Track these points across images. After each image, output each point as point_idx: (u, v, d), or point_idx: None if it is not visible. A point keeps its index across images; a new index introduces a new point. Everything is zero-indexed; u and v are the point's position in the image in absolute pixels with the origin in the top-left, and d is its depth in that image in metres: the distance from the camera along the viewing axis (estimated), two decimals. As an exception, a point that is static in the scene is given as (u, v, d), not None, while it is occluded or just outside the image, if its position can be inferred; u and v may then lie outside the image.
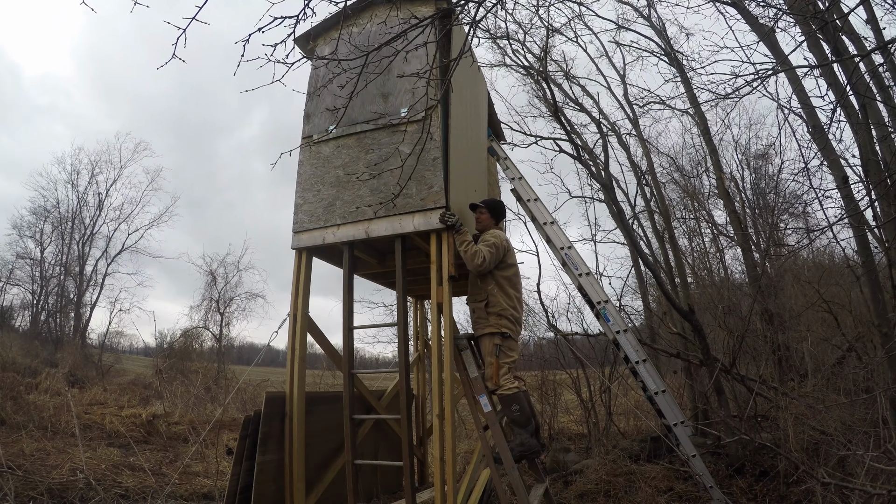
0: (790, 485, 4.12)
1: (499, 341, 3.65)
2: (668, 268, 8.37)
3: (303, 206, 4.17)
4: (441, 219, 3.63)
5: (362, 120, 4.14)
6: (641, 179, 9.05)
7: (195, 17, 2.20)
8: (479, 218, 4.04)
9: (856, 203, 4.34)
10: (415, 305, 6.07)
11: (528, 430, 3.56)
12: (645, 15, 8.38)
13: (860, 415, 4.24)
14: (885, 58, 4.05)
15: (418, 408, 5.77)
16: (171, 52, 2.28)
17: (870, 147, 4.28)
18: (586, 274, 4.43)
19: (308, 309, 4.14)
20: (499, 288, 3.76)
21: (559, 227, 4.59)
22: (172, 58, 2.30)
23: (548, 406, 7.82)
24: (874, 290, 4.38)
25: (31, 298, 21.65)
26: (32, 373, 11.75)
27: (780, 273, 7.42)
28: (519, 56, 7.87)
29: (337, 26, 4.46)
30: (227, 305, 19.39)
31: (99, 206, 22.52)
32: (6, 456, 5.03)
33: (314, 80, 4.48)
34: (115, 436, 7.76)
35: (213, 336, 18.42)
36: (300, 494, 3.75)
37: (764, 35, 4.96)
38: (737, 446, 4.78)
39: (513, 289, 3.81)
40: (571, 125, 8.28)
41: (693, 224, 10.52)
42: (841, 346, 5.75)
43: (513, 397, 3.57)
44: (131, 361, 21.23)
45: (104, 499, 4.63)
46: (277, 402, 3.85)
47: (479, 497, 4.46)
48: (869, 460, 2.74)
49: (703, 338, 5.41)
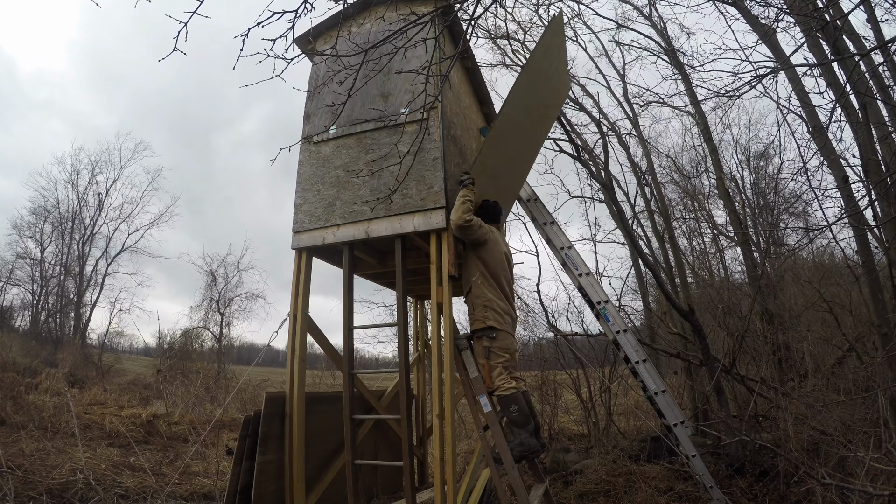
0: (790, 485, 4.12)
1: (487, 343, 3.59)
2: (668, 268, 8.37)
3: (303, 206, 4.17)
4: (459, 180, 3.70)
5: (362, 120, 4.14)
6: (641, 179, 9.05)
7: (196, 10, 2.20)
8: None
9: (856, 203, 4.34)
10: (415, 305, 6.06)
11: (527, 429, 3.53)
12: (645, 14, 8.39)
13: (860, 415, 4.23)
14: (885, 57, 4.05)
15: (418, 408, 5.76)
16: (170, 45, 2.28)
17: (870, 147, 4.28)
18: (586, 274, 4.43)
19: (308, 309, 4.14)
20: (483, 278, 3.70)
21: (559, 227, 4.59)
22: (174, 51, 2.30)
23: (548, 406, 7.82)
24: (874, 290, 4.38)
25: (31, 298, 21.72)
26: (32, 373, 11.76)
27: (780, 273, 7.42)
28: (519, 56, 7.87)
29: (336, 27, 4.47)
30: (227, 305, 19.44)
31: (99, 206, 22.60)
32: (6, 456, 5.03)
33: (314, 80, 4.48)
34: (115, 436, 7.76)
35: (214, 336, 18.44)
36: (300, 494, 3.75)
37: (764, 34, 4.96)
38: (737, 446, 4.78)
39: (496, 280, 3.73)
40: (571, 125, 8.27)
41: (693, 224, 10.53)
42: (841, 346, 5.75)
43: (510, 398, 3.52)
44: (131, 361, 21.24)
45: (104, 499, 4.63)
46: (277, 402, 3.85)
47: (479, 497, 4.46)
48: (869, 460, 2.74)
49: (703, 338, 5.41)
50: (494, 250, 3.77)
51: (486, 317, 3.62)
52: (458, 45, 3.19)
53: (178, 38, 2.26)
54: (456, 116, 4.48)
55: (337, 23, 4.38)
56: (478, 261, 3.74)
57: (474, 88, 5.36)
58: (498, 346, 3.61)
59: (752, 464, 4.75)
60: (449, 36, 4.32)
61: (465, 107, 4.93)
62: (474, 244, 3.74)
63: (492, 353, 3.58)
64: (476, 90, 5.40)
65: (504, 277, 3.82)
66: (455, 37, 4.49)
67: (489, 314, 3.62)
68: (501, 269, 3.80)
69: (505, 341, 3.65)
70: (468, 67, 5.09)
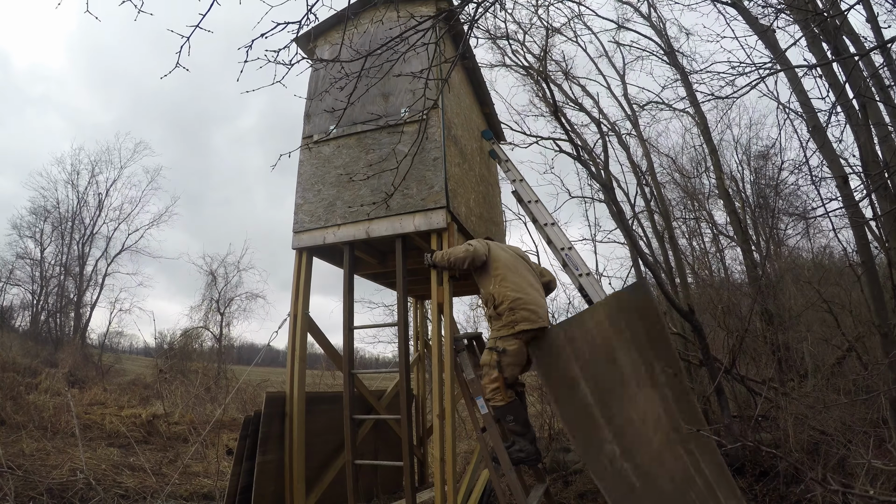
0: (790, 485, 4.12)
1: (497, 357, 3.44)
2: (668, 268, 8.37)
3: (303, 206, 4.17)
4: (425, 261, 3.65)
5: (363, 120, 4.14)
6: (641, 179, 9.06)
7: (198, 24, 2.20)
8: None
9: (856, 203, 4.34)
10: (415, 305, 6.07)
11: (527, 437, 3.48)
12: (645, 14, 8.39)
13: (860, 415, 4.24)
14: (884, 57, 4.05)
15: (418, 408, 5.77)
16: (169, 42, 2.29)
17: (870, 147, 4.28)
18: (586, 274, 4.42)
19: (308, 309, 4.14)
20: (501, 279, 3.55)
21: (559, 228, 4.58)
22: (176, 66, 2.29)
23: (548, 406, 7.81)
24: (874, 290, 4.38)
25: (31, 298, 21.68)
26: (32, 373, 11.74)
27: (780, 273, 7.42)
28: (519, 56, 7.87)
29: (336, 27, 4.47)
30: (227, 305, 19.42)
31: (99, 206, 22.56)
32: (6, 456, 5.03)
33: (314, 81, 4.48)
34: (115, 436, 7.75)
35: (214, 336, 18.43)
36: (300, 494, 3.75)
37: (763, 34, 4.96)
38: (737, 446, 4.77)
39: (516, 273, 3.59)
40: (571, 125, 8.28)
41: (693, 224, 10.53)
42: (841, 346, 5.75)
43: (505, 408, 3.44)
44: (131, 361, 21.22)
45: (104, 499, 4.63)
46: (277, 402, 3.85)
47: (478, 497, 4.46)
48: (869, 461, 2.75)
49: (703, 338, 5.41)
50: (502, 256, 3.68)
51: (516, 319, 3.42)
52: (459, 47, 3.17)
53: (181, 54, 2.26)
54: (456, 116, 4.48)
55: (337, 23, 4.38)
56: (487, 271, 3.63)
57: (474, 88, 5.37)
58: (509, 360, 3.45)
59: (752, 464, 4.74)
60: (449, 38, 4.32)
61: (466, 107, 4.93)
62: (478, 268, 3.65)
63: (503, 368, 3.44)
64: (476, 90, 5.40)
65: (527, 271, 3.71)
66: (455, 38, 4.49)
67: (519, 315, 3.43)
68: (520, 265, 3.70)
69: (518, 357, 3.48)
70: (468, 67, 5.10)
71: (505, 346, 3.44)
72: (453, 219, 3.86)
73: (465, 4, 2.97)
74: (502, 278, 3.57)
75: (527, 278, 3.65)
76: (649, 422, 3.12)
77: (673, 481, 2.99)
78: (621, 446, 3.09)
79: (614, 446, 3.09)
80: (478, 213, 4.72)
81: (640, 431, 3.11)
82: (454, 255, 3.53)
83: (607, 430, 3.14)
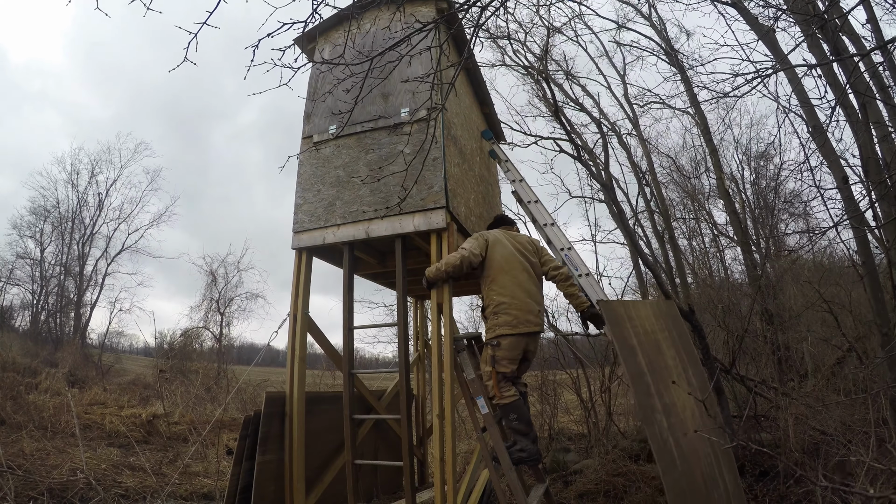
0: (790, 485, 4.12)
1: (492, 351, 3.50)
2: (668, 268, 8.37)
3: (303, 205, 4.17)
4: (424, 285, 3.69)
5: (362, 120, 4.14)
6: (642, 179, 9.07)
7: (206, 21, 2.20)
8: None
9: (856, 204, 4.34)
10: (415, 305, 6.06)
11: (529, 437, 3.49)
12: (645, 14, 8.40)
13: (860, 415, 4.24)
14: (884, 57, 4.05)
15: (418, 408, 5.77)
16: (168, 37, 2.29)
17: (870, 147, 4.28)
18: (586, 275, 4.42)
19: (308, 309, 4.14)
20: (491, 282, 3.60)
21: (559, 228, 4.58)
22: (184, 60, 2.28)
23: (548, 406, 7.82)
24: (874, 290, 4.38)
25: (31, 298, 21.69)
26: (32, 373, 11.75)
27: (780, 273, 7.42)
28: (519, 56, 7.89)
29: (336, 27, 4.47)
30: (227, 305, 19.41)
31: (99, 206, 22.58)
32: (6, 456, 5.03)
33: (314, 81, 4.48)
34: (115, 436, 7.76)
35: (214, 336, 18.43)
36: (300, 494, 3.75)
37: (763, 35, 4.96)
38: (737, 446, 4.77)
39: (508, 274, 3.59)
40: (571, 125, 8.29)
41: (693, 224, 10.54)
42: (841, 346, 5.75)
43: (509, 406, 3.47)
44: (131, 361, 21.23)
45: (104, 499, 4.63)
46: (277, 402, 3.85)
47: (478, 497, 4.46)
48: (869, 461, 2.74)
49: (703, 338, 5.40)
50: (497, 255, 3.67)
51: (498, 323, 3.52)
52: (463, 52, 3.15)
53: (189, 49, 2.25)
54: (457, 117, 4.48)
55: (337, 23, 4.38)
56: (483, 271, 3.67)
57: (474, 88, 5.37)
58: (503, 354, 3.50)
59: (751, 464, 4.74)
60: (452, 41, 4.32)
61: (466, 107, 4.93)
62: (476, 268, 3.66)
63: (496, 361, 3.50)
64: (476, 90, 5.40)
65: (522, 269, 3.68)
66: (458, 41, 4.49)
67: (500, 319, 3.51)
68: (516, 263, 3.67)
69: (513, 352, 3.51)
70: (469, 67, 5.10)
71: (499, 341, 3.52)
72: (453, 219, 3.86)
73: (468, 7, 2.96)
74: (492, 280, 3.62)
75: (518, 279, 3.62)
76: (687, 413, 3.24)
77: (703, 476, 3.08)
78: (668, 421, 3.15)
79: (663, 418, 3.14)
80: (478, 213, 4.72)
81: (682, 417, 3.21)
82: (450, 265, 3.54)
83: (658, 402, 3.20)
